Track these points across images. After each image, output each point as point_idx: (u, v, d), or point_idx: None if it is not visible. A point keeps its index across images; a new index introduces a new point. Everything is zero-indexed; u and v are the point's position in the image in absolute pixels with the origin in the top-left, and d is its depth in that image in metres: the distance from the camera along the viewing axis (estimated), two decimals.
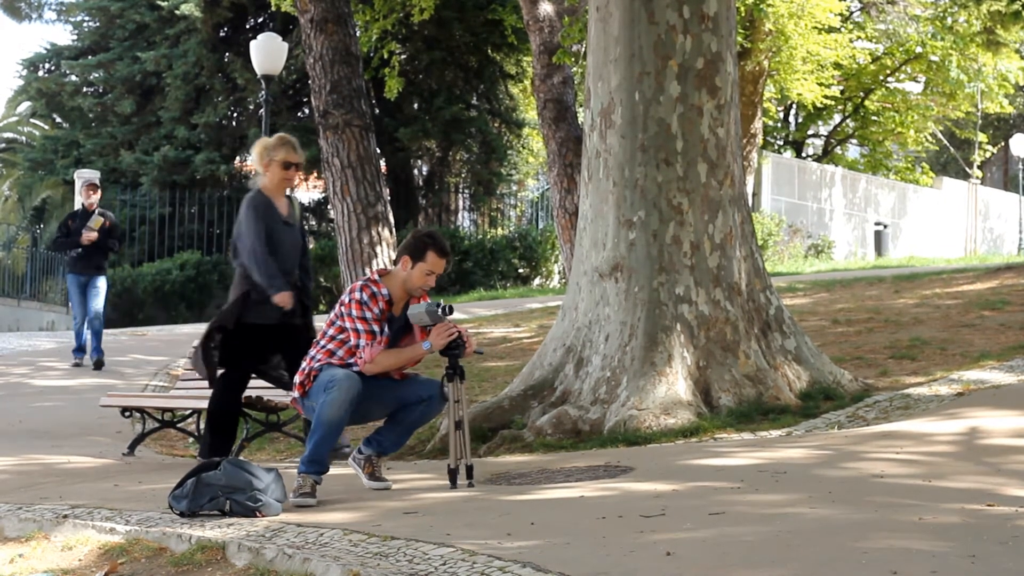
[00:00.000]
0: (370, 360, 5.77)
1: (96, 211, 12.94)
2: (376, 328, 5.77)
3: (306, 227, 29.27)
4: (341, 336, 5.83)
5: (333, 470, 5.91)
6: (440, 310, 5.80)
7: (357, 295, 5.81)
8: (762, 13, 20.15)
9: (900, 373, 8.74)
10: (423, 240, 5.86)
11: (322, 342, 5.90)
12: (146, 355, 14.45)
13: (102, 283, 13.01)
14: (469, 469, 5.87)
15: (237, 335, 6.91)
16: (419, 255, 5.82)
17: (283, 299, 6.83)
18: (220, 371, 7.02)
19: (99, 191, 13.31)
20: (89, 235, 12.72)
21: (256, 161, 7.08)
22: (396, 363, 5.86)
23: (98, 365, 12.79)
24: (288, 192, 7.30)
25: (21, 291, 24.44)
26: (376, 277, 5.91)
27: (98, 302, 12.83)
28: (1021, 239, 33.32)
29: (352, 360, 5.81)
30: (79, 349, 13.17)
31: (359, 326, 5.77)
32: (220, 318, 6.95)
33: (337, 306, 5.90)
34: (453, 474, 5.85)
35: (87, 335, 12.97)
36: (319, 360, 5.85)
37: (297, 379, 5.92)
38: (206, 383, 8.57)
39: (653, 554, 4.06)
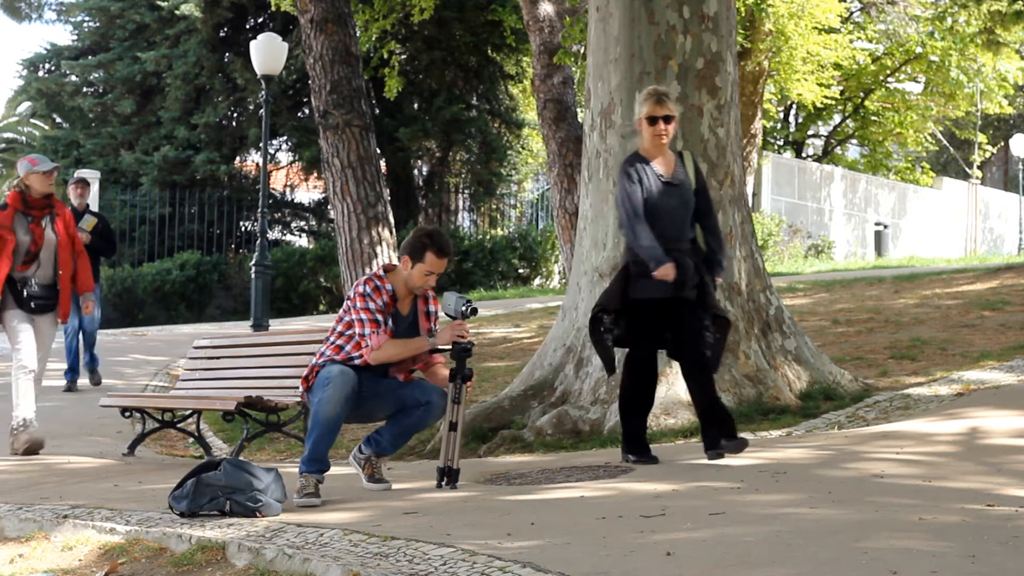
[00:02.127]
0: (377, 347, 5.78)
1: (87, 211, 11.74)
2: (380, 318, 5.79)
3: (310, 226, 29.27)
4: (349, 332, 5.85)
5: (333, 470, 5.91)
6: (466, 306, 5.84)
7: (361, 288, 5.85)
8: (762, 13, 20.15)
9: (900, 373, 8.74)
10: (422, 240, 5.85)
11: (331, 338, 5.91)
12: (146, 355, 14.46)
13: (96, 290, 11.36)
14: (454, 473, 5.85)
15: (628, 314, 6.09)
16: (418, 255, 5.82)
17: (664, 271, 5.89)
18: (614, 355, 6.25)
19: (89, 188, 12.22)
20: (82, 238, 11.78)
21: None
22: (402, 352, 5.86)
23: (96, 382, 11.67)
24: (678, 148, 6.76)
25: None
26: (381, 272, 5.93)
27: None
28: (1021, 239, 33.33)
29: (357, 355, 5.82)
30: (72, 369, 11.65)
31: (363, 316, 5.79)
32: (603, 299, 6.16)
33: (345, 302, 5.93)
34: (441, 473, 5.85)
35: (80, 349, 11.69)
36: (326, 356, 5.87)
37: (305, 373, 5.95)
38: (206, 383, 8.60)
39: (653, 554, 4.06)
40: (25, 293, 8.09)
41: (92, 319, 11.35)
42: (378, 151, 16.78)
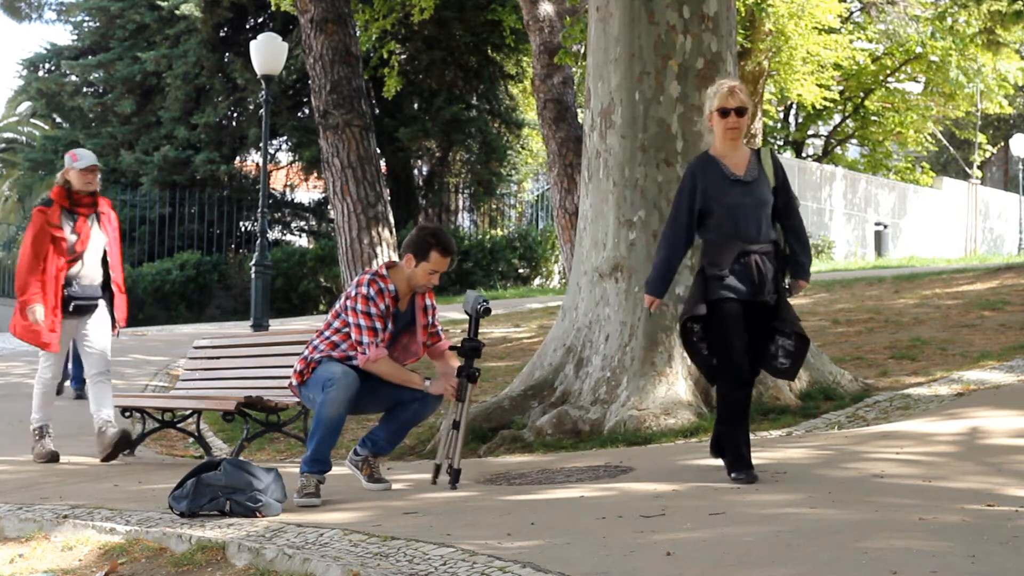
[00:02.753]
0: (374, 360, 5.77)
1: None
2: (379, 325, 5.77)
3: (310, 226, 29.24)
4: (346, 329, 5.84)
5: (333, 470, 5.91)
6: (480, 305, 5.87)
7: (364, 289, 5.79)
8: (762, 13, 20.15)
9: (900, 373, 8.74)
10: (427, 239, 5.84)
11: (326, 332, 5.90)
12: (146, 355, 14.45)
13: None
14: (456, 472, 5.84)
15: (711, 318, 5.63)
16: (423, 254, 5.81)
17: (648, 301, 5.77)
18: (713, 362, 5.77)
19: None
20: None
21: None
22: (394, 376, 5.85)
23: (80, 395, 10.89)
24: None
25: None
26: (384, 272, 5.90)
27: None
28: (1021, 239, 33.32)
29: (354, 353, 5.81)
30: (76, 378, 11.08)
31: (362, 322, 5.76)
32: (687, 307, 5.71)
33: (343, 298, 5.89)
34: (437, 469, 5.84)
35: (72, 358, 10.65)
36: (321, 351, 5.85)
37: (297, 367, 5.92)
38: (206, 383, 8.60)
39: (653, 554, 4.06)
40: (65, 293, 7.77)
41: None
42: (378, 151, 16.78)
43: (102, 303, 8.00)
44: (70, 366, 10.87)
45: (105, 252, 8.05)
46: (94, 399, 7.78)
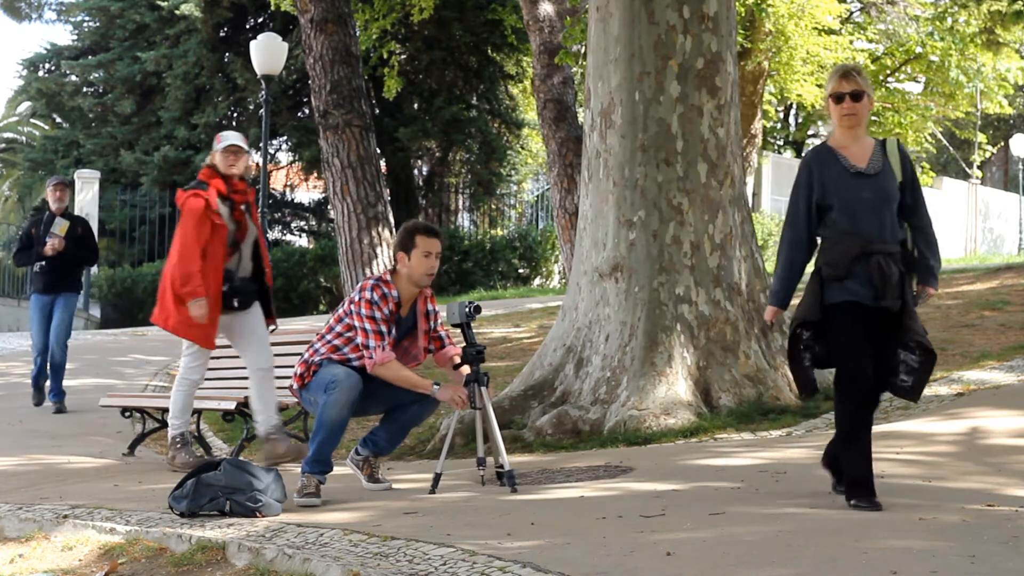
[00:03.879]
0: (381, 363, 5.77)
1: (65, 215, 10.43)
2: (384, 329, 5.78)
3: (310, 226, 29.22)
4: (348, 334, 5.84)
5: (334, 470, 5.91)
6: (468, 307, 5.85)
7: (368, 294, 5.80)
8: (762, 13, 20.15)
9: None
10: (408, 230, 5.91)
11: (328, 336, 5.90)
12: (146, 355, 14.45)
13: (71, 305, 10.43)
14: (510, 475, 5.71)
15: (828, 324, 5.05)
16: (409, 244, 5.84)
17: (769, 314, 5.31)
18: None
19: (68, 191, 10.63)
20: (53, 243, 10.12)
21: None
22: (402, 380, 5.84)
23: (59, 411, 10.20)
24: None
25: (21, 291, 24.39)
26: (387, 278, 5.91)
27: (61, 329, 10.26)
28: (1021, 239, 33.32)
29: (355, 357, 5.81)
30: (39, 388, 10.46)
31: (367, 326, 5.76)
32: (799, 312, 5.12)
33: (347, 303, 5.90)
34: (437, 479, 5.80)
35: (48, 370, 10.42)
36: (321, 354, 5.85)
37: (297, 370, 5.93)
38: (206, 383, 8.58)
39: (653, 554, 4.06)
40: (227, 287, 7.07)
41: (57, 331, 10.22)
42: (378, 151, 16.77)
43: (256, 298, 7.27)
44: (48, 380, 10.33)
45: (256, 243, 7.28)
46: (260, 399, 7.07)
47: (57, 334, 10.23)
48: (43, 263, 10.20)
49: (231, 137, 7.15)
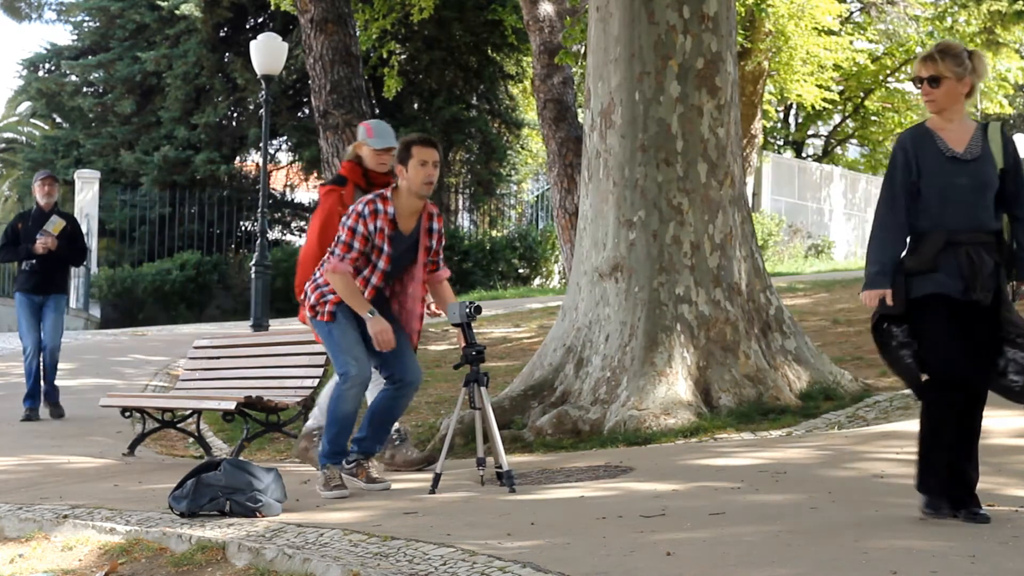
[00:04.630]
0: (332, 271, 5.81)
1: (55, 211, 10.04)
2: (357, 244, 5.79)
3: None
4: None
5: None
6: (469, 307, 5.85)
7: (360, 207, 5.85)
8: (762, 13, 20.14)
9: None
10: (404, 143, 5.93)
11: (332, 248, 5.93)
12: (146, 355, 14.45)
13: (62, 306, 10.12)
14: (508, 475, 5.70)
15: (916, 320, 4.64)
16: (406, 156, 5.86)
17: (869, 297, 4.67)
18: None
19: (56, 186, 10.18)
20: (46, 242, 9.80)
21: None
22: (343, 293, 5.83)
23: (56, 414, 9.97)
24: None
25: None
26: (387, 194, 5.91)
27: (56, 333, 9.98)
28: None
29: (360, 269, 5.86)
30: (31, 395, 9.92)
31: (343, 235, 5.82)
32: (881, 304, 4.66)
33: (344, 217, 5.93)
34: (437, 479, 5.80)
35: (42, 373, 10.04)
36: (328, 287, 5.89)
37: (309, 295, 5.93)
38: (206, 383, 8.60)
39: (653, 554, 4.06)
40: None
41: (53, 334, 9.94)
42: None
43: None
44: (42, 383, 10.00)
45: None
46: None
47: (53, 339, 9.93)
48: (33, 262, 9.85)
49: (386, 135, 6.64)
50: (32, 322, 9.88)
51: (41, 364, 9.95)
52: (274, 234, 27.39)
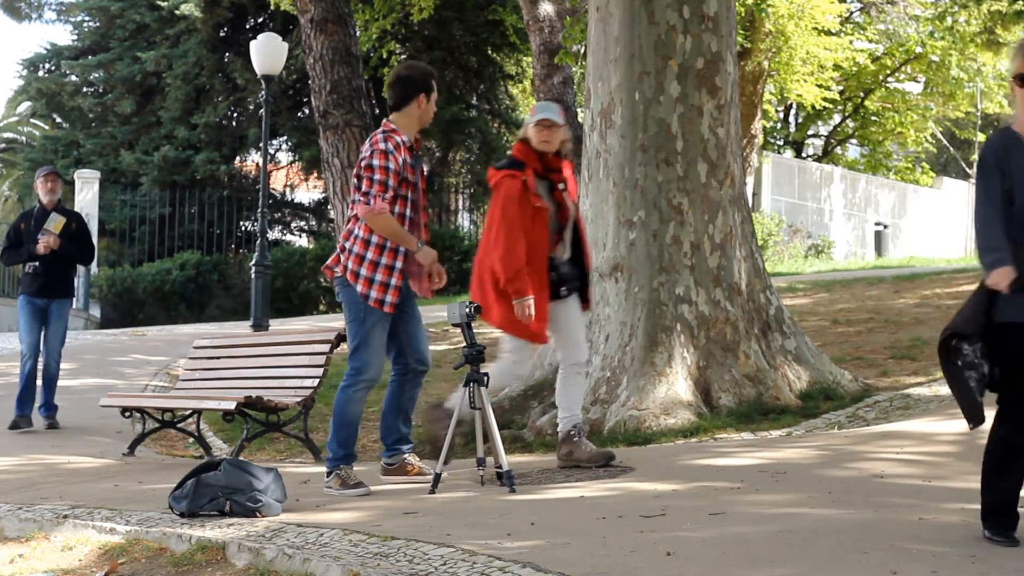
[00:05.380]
0: (377, 212, 5.73)
1: (58, 209, 9.49)
2: (392, 182, 5.75)
3: (310, 226, 29.24)
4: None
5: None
6: (468, 307, 5.86)
7: (381, 145, 5.79)
8: (762, 13, 20.16)
9: (900, 373, 8.74)
10: (425, 72, 5.98)
11: (351, 226, 5.92)
12: (146, 355, 14.45)
13: (66, 312, 9.56)
14: (508, 475, 5.70)
15: (1000, 346, 4.27)
16: (430, 88, 5.92)
17: (997, 278, 4.20)
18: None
19: (60, 182, 9.67)
20: (47, 241, 9.24)
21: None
22: (390, 234, 5.81)
23: (53, 427, 9.35)
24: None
25: None
26: (392, 127, 5.90)
27: (57, 341, 9.43)
28: None
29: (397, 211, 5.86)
30: (23, 400, 9.27)
31: (376, 176, 5.73)
32: (956, 320, 4.38)
33: (357, 166, 5.86)
34: (437, 479, 5.80)
35: (39, 381, 9.39)
36: (355, 253, 5.86)
37: (349, 264, 5.85)
38: (206, 383, 8.59)
39: (653, 554, 4.06)
40: (554, 275, 6.22)
41: (54, 342, 9.36)
42: None
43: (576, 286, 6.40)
44: (40, 389, 9.39)
45: (576, 225, 6.41)
46: (565, 395, 6.35)
47: (53, 346, 9.37)
48: (36, 263, 9.28)
49: (545, 109, 6.29)
50: (31, 324, 9.34)
51: (39, 372, 9.36)
52: (274, 234, 27.40)
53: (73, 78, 28.86)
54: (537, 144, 6.18)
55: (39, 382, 9.37)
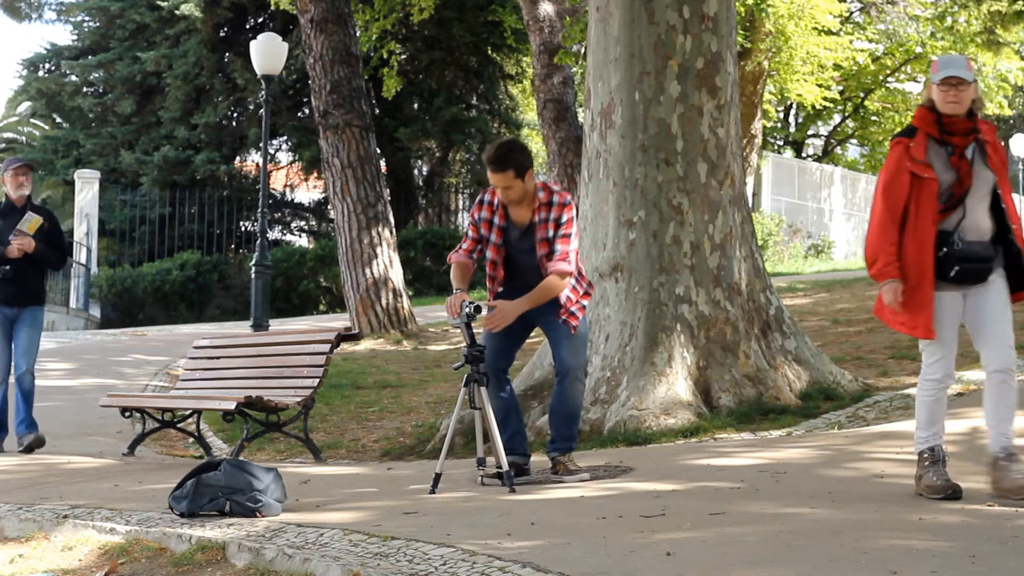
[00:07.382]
0: (450, 261, 6.08)
1: (28, 206, 8.24)
2: (471, 232, 6.04)
3: (310, 226, 29.24)
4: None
5: (331, 470, 5.91)
6: (468, 307, 5.87)
7: (479, 196, 6.11)
8: (762, 13, 20.15)
9: (900, 373, 8.74)
10: (526, 152, 6.05)
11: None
12: (146, 355, 14.45)
13: (40, 319, 8.33)
14: (507, 475, 5.71)
15: None
16: (530, 164, 5.99)
17: None
18: None
19: (31, 176, 8.40)
20: (22, 243, 8.05)
21: None
22: (453, 279, 6.02)
23: (34, 445, 8.05)
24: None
25: None
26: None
27: (32, 351, 8.17)
28: None
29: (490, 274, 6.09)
30: (2, 423, 8.17)
31: (468, 230, 6.10)
32: None
33: None
34: (437, 479, 5.79)
35: (16, 397, 8.13)
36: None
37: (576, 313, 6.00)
38: (206, 383, 8.59)
39: (653, 554, 4.06)
40: (942, 252, 5.10)
41: (27, 354, 8.12)
42: (378, 151, 16.77)
43: (997, 273, 5.18)
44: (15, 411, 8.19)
45: (996, 195, 5.25)
46: (993, 410, 5.19)
47: (27, 360, 8.13)
48: (6, 267, 8.04)
49: (948, 64, 5.24)
50: (3, 342, 8.11)
51: (10, 391, 8.17)
52: (274, 234, 27.41)
53: (73, 78, 28.87)
54: (943, 106, 5.17)
55: (12, 402, 8.19)
